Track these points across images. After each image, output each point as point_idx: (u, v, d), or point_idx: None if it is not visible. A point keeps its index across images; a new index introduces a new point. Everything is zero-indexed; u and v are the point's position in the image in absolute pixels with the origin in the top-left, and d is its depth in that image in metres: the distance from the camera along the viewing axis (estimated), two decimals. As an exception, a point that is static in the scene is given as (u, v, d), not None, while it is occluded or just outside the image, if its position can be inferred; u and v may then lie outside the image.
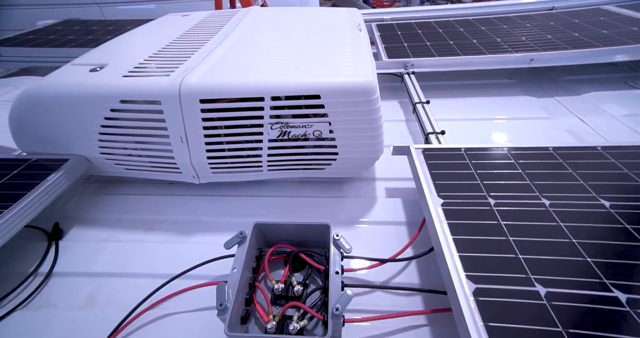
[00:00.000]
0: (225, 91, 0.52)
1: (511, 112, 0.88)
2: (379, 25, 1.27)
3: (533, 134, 0.78)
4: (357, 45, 0.64)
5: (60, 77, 0.57)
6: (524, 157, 0.53)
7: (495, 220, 0.42)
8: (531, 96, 0.95)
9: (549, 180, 0.48)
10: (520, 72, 1.06)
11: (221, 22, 0.83)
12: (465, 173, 0.51)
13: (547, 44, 0.94)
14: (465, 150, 0.56)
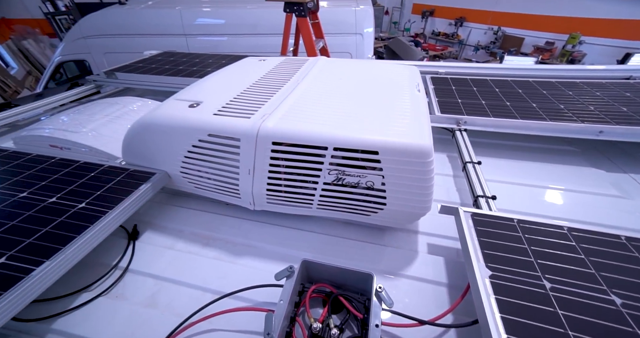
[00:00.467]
0: (295, 137, 0.60)
1: (572, 184, 0.83)
2: (434, 78, 1.34)
3: (599, 214, 0.72)
4: (415, 106, 0.70)
5: (167, 111, 0.72)
6: (588, 241, 0.51)
7: (551, 307, 0.40)
8: (598, 168, 0.89)
9: (620, 274, 0.45)
10: (586, 139, 1.01)
11: (292, 70, 0.96)
12: (518, 247, 0.50)
13: (621, 116, 0.90)
14: (519, 222, 0.55)
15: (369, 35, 3.35)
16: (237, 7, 3.51)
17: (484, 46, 7.21)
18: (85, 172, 0.79)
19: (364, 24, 3.33)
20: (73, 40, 3.47)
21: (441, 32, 8.31)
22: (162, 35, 3.42)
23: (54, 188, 0.72)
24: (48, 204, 0.67)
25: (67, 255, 0.55)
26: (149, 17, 3.41)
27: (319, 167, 0.62)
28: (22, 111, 1.25)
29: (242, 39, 3.43)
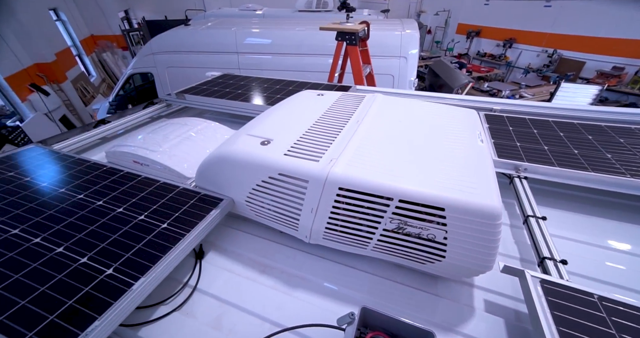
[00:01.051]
0: (362, 186, 0.64)
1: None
2: (488, 116, 1.31)
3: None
4: (481, 160, 0.70)
5: (243, 147, 0.80)
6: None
7: None
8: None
9: None
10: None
11: (352, 107, 1.01)
12: (604, 332, 0.47)
13: None
14: (601, 299, 0.52)
15: (413, 58, 3.37)
16: (283, 29, 3.78)
17: (536, 69, 6.79)
18: (165, 192, 0.90)
19: (409, 47, 3.36)
20: (143, 56, 3.96)
21: (487, 53, 8.02)
22: (218, 53, 3.77)
23: (142, 206, 0.84)
24: (139, 221, 0.78)
25: (156, 272, 0.64)
26: (208, 37, 3.79)
27: (381, 215, 0.65)
28: (112, 127, 1.46)
29: (285, 58, 3.66)
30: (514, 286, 0.61)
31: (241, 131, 0.93)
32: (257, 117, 1.03)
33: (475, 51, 8.44)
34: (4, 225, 0.76)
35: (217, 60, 3.78)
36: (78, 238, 0.73)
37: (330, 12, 5.90)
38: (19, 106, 4.19)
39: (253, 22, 4.39)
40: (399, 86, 3.45)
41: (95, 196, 0.87)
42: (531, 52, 7.08)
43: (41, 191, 0.89)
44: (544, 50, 6.77)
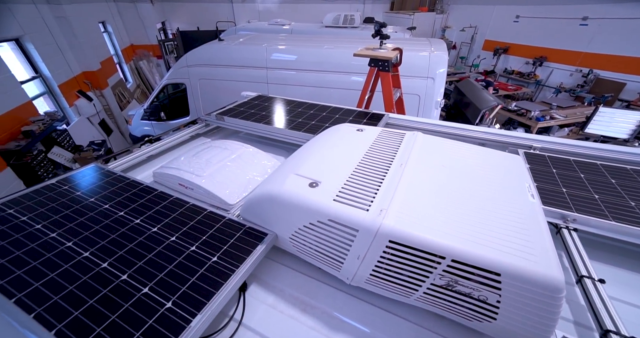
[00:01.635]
0: (415, 242, 0.65)
1: None
2: (528, 154, 1.28)
3: None
4: (536, 221, 0.68)
5: (291, 188, 0.83)
6: None
7: None
8: None
9: None
10: None
11: (393, 147, 1.02)
12: None
13: None
14: None
15: (441, 79, 3.36)
16: (307, 46, 3.89)
17: (568, 89, 6.52)
18: (212, 222, 0.95)
19: (437, 68, 3.36)
20: (178, 68, 4.20)
21: (515, 71, 7.81)
22: (248, 67, 3.94)
23: (193, 236, 0.89)
24: (191, 252, 0.83)
25: (211, 310, 0.67)
26: (240, 52, 3.97)
27: (430, 270, 0.65)
28: (158, 146, 1.56)
29: (309, 74, 3.77)
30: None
31: (287, 167, 0.97)
32: (300, 153, 1.07)
33: (502, 68, 8.25)
34: (75, 245, 0.83)
35: (247, 74, 3.95)
36: (139, 266, 0.78)
37: (357, 28, 6.02)
38: (67, 110, 4.56)
39: (281, 38, 4.57)
40: (425, 106, 3.43)
41: (150, 222, 0.94)
42: (563, 71, 6.82)
43: (103, 214, 0.97)
44: (578, 69, 6.50)
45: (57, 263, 0.79)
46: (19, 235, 0.88)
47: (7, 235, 0.87)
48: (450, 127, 1.58)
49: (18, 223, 0.92)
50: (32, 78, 4.10)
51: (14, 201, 1.02)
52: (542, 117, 5.02)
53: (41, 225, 0.92)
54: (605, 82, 5.95)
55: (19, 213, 0.96)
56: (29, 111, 3.71)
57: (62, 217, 0.95)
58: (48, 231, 0.90)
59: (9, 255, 0.80)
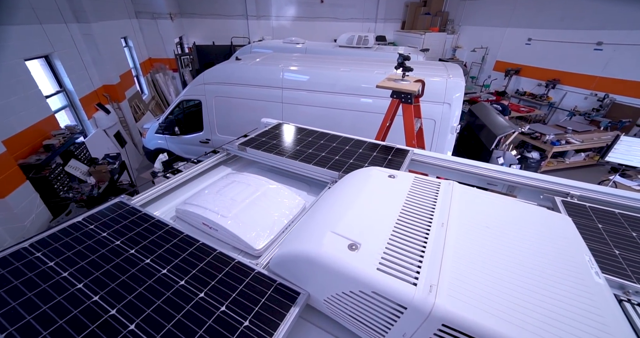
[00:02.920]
0: (472, 330, 0.60)
1: None
2: (566, 203, 1.22)
3: None
4: (611, 312, 0.63)
5: (329, 250, 0.79)
6: None
7: None
8: None
9: None
10: None
11: (431, 199, 0.98)
12: None
13: None
14: None
15: (457, 105, 3.34)
16: (320, 68, 3.95)
17: (583, 113, 6.44)
18: (241, 275, 0.91)
19: (454, 93, 3.35)
20: (195, 85, 4.30)
21: (527, 92, 7.79)
22: (264, 86, 4.01)
23: (222, 292, 0.85)
24: (220, 313, 0.79)
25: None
26: (257, 72, 4.05)
27: (489, 361, 0.59)
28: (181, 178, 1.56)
29: (320, 95, 3.81)
30: None
31: (320, 220, 0.93)
32: (331, 201, 1.04)
33: (513, 89, 8.24)
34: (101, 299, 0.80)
35: (263, 93, 4.02)
36: (167, 329, 0.74)
37: (370, 49, 6.13)
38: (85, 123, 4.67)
39: (296, 57, 4.66)
40: (441, 131, 3.40)
41: (178, 272, 0.91)
42: (578, 95, 6.77)
43: (129, 261, 0.94)
44: (593, 93, 6.45)
45: (83, 322, 0.75)
46: (46, 284, 0.85)
47: (35, 284, 0.85)
48: (479, 167, 1.54)
49: (45, 270, 0.90)
50: (56, 92, 4.23)
51: (42, 242, 1.01)
52: (557, 141, 4.94)
53: (67, 273, 0.89)
54: (622, 107, 5.87)
55: (46, 257, 0.94)
56: (51, 124, 3.80)
57: (88, 263, 0.93)
58: (75, 280, 0.87)
59: (37, 309, 0.77)
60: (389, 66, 3.96)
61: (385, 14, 11.52)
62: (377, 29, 11.71)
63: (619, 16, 5.92)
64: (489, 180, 1.52)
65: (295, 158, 1.61)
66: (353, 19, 11.35)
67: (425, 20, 11.17)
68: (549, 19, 7.33)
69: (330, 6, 10.85)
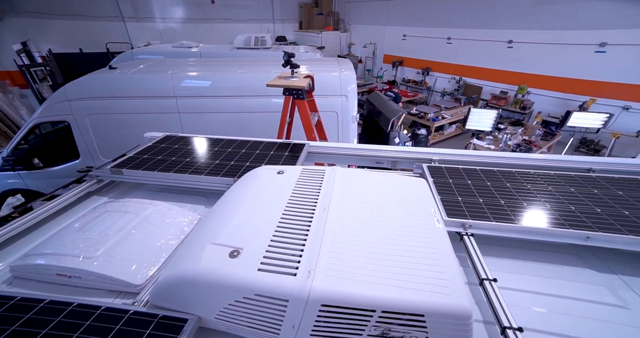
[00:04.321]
0: (345, 301, 0.64)
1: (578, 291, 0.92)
2: (430, 168, 1.48)
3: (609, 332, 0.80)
4: (444, 250, 0.76)
5: (208, 263, 0.73)
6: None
7: None
8: (593, 269, 1.01)
9: None
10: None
11: (315, 188, 1.03)
12: None
13: (600, 220, 1.05)
14: None
15: (353, 96, 3.68)
16: (223, 71, 3.75)
17: (449, 93, 8.09)
18: (110, 324, 0.75)
19: (348, 86, 3.67)
20: (55, 103, 3.44)
21: (411, 80, 9.27)
22: (153, 97, 3.52)
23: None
24: (77, 383, 0.63)
25: None
26: (139, 81, 3.51)
27: (365, 324, 0.65)
28: (31, 218, 1.19)
29: (227, 100, 3.63)
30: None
31: (203, 234, 0.85)
32: (216, 211, 0.97)
33: (401, 78, 9.67)
34: None
35: (152, 104, 3.52)
36: None
37: (269, 49, 6.12)
38: None
39: (191, 62, 4.25)
40: (343, 121, 3.69)
41: (8, 352, 0.68)
42: (444, 79, 8.46)
43: None
44: (453, 77, 8.15)
45: None
46: None
47: None
48: (366, 149, 1.71)
49: None
50: None
51: None
52: (436, 117, 6.05)
53: None
54: (471, 86, 7.64)
55: None
56: None
57: None
58: None
59: None
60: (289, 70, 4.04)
61: (282, 14, 11.72)
62: (276, 30, 11.81)
63: (462, 17, 7.61)
64: (377, 159, 1.72)
65: (184, 171, 1.44)
66: (250, 20, 11.12)
67: (319, 20, 11.88)
68: (416, 18, 8.84)
69: (224, 7, 10.33)
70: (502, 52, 6.90)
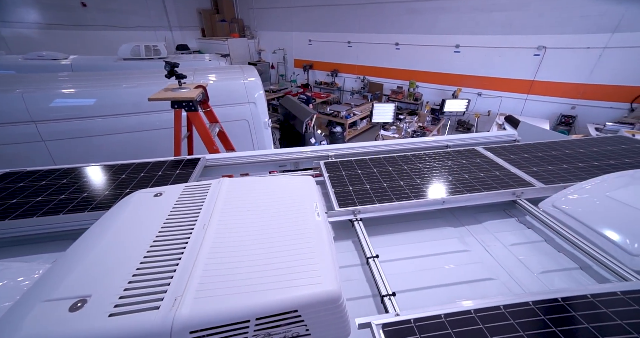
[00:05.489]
0: (215, 320, 0.60)
1: (440, 246, 1.12)
2: (326, 164, 1.58)
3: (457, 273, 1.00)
4: (320, 241, 0.81)
5: (35, 328, 0.58)
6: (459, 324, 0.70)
7: None
8: (450, 225, 1.24)
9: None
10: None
11: (196, 205, 0.95)
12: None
13: (451, 186, 1.31)
14: (415, 321, 0.72)
15: (261, 102, 3.65)
16: (113, 87, 3.21)
17: (357, 91, 8.92)
18: None
19: (254, 92, 3.62)
20: None
21: (322, 82, 9.82)
22: (1, 124, 2.73)
23: None
24: None
25: None
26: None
27: (246, 336, 0.63)
28: None
29: (124, 118, 3.13)
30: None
31: (37, 290, 0.68)
32: (64, 257, 0.79)
33: (313, 81, 10.14)
34: None
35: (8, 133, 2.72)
36: None
37: (166, 59, 5.53)
38: None
39: (62, 78, 3.45)
40: (256, 128, 3.64)
41: None
42: (351, 79, 9.27)
43: None
44: (358, 77, 9.02)
45: None
46: None
47: None
48: (266, 155, 1.71)
49: None
50: None
51: None
52: (348, 115, 6.58)
53: None
54: (374, 84, 8.61)
55: None
56: None
57: None
58: None
59: None
60: (190, 73, 3.72)
61: (180, 21, 10.78)
62: (175, 38, 10.80)
63: (357, 23, 8.45)
64: (279, 163, 1.73)
65: (30, 215, 1.15)
66: (141, 27, 9.84)
67: (223, 27, 11.40)
68: (318, 25, 9.39)
69: (102, 12, 8.80)
70: (392, 53, 8.00)
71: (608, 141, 1.74)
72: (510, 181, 1.35)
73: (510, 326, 0.71)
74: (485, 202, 1.27)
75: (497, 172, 1.43)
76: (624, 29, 5.05)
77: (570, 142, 1.75)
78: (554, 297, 0.77)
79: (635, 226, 0.95)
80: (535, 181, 1.34)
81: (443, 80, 7.41)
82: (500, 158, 1.58)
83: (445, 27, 6.87)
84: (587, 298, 0.76)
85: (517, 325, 0.71)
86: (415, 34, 7.40)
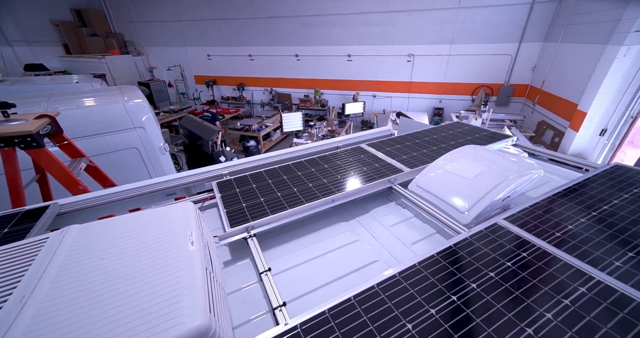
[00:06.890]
0: None
1: (334, 243, 1.19)
2: (219, 184, 1.49)
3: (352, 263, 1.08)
4: (189, 271, 0.73)
5: None
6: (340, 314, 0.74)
7: None
8: (343, 220, 1.34)
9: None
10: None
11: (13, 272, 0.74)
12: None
13: (339, 184, 1.41)
14: (301, 325, 0.73)
15: (151, 126, 3.22)
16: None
17: (267, 103, 8.96)
18: None
19: (141, 116, 3.17)
20: None
21: (230, 96, 9.46)
22: None
23: None
24: None
25: None
26: None
27: None
28: None
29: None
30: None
31: None
32: None
33: (219, 96, 9.66)
34: None
35: None
36: None
37: (3, 83, 4.25)
38: None
39: None
40: (150, 156, 3.19)
41: None
42: (258, 92, 9.25)
43: None
44: (265, 89, 9.08)
45: None
46: None
47: None
48: (147, 185, 1.49)
49: None
50: None
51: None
52: (260, 127, 6.51)
53: None
54: (282, 95, 8.83)
55: None
56: None
57: None
58: None
59: None
60: (43, 100, 2.95)
61: (24, 35, 8.57)
62: (21, 55, 8.54)
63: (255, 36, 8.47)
64: (166, 191, 1.54)
65: None
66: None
67: (96, 42, 9.67)
68: (215, 39, 9.00)
69: None
70: (294, 64, 8.38)
71: (451, 127, 2.23)
72: (386, 171, 1.56)
73: (381, 301, 0.80)
74: (369, 193, 1.43)
75: (376, 164, 1.64)
76: (458, 41, 6.71)
77: (428, 130, 2.17)
78: (412, 264, 0.91)
79: (464, 190, 1.22)
80: (404, 167, 1.60)
81: (343, 86, 8.21)
82: (380, 151, 1.82)
83: (337, 39, 7.66)
84: (433, 257, 0.94)
85: (386, 298, 0.80)
86: (312, 46, 7.96)
